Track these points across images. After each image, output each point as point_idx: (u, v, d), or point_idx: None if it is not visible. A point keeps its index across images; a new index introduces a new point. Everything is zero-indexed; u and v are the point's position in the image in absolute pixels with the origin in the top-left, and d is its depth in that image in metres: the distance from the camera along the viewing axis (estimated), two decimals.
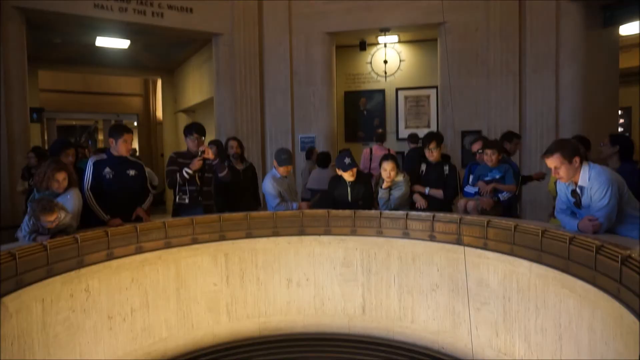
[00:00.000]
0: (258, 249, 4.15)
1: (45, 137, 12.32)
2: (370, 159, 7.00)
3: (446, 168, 4.34)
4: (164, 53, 10.54)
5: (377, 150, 7.05)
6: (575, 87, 6.84)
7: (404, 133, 8.94)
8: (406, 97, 9.20)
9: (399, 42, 9.08)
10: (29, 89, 6.79)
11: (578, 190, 2.86)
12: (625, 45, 8.83)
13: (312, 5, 7.84)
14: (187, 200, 4.29)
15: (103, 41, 8.92)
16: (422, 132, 8.58)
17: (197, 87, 10.36)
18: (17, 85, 6.32)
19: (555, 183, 3.23)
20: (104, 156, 3.85)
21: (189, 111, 11.64)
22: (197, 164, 4.23)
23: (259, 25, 7.88)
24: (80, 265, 3.18)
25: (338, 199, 4.30)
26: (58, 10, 6.50)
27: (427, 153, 4.39)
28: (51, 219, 3.00)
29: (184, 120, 11.88)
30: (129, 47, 9.37)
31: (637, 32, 7.37)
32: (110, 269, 3.39)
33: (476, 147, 4.73)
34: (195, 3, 7.43)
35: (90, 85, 13.80)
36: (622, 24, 6.84)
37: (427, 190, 4.31)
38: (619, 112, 10.28)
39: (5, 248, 2.80)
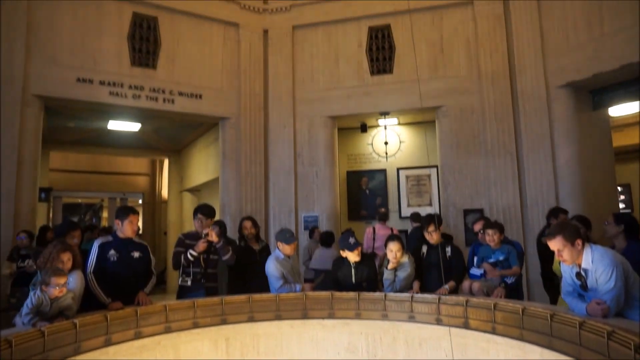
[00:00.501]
0: (260, 333, 4.03)
1: (51, 215, 12.43)
2: (374, 239, 6.99)
3: (448, 250, 4.30)
4: (173, 135, 10.96)
5: (380, 230, 7.06)
6: (571, 166, 6.99)
7: (406, 211, 9.01)
8: (407, 177, 9.39)
9: (399, 124, 9.46)
10: (39, 169, 6.99)
11: (582, 272, 2.85)
12: (618, 124, 9.17)
13: (315, 92, 8.30)
14: (189, 283, 4.26)
15: (115, 124, 9.31)
16: (424, 211, 8.68)
17: (203, 167, 10.63)
18: (29, 167, 6.51)
19: (559, 263, 3.21)
20: (109, 238, 3.89)
21: (194, 190, 11.83)
22: (201, 246, 4.25)
23: (264, 109, 8.30)
24: (77, 351, 3.09)
25: (342, 281, 4.24)
26: (76, 98, 6.89)
27: (427, 236, 4.37)
28: (62, 282, 3.06)
29: (189, 199, 12.04)
30: (139, 129, 9.76)
31: (626, 113, 7.71)
32: (106, 355, 3.29)
33: (478, 226, 4.75)
34: (205, 90, 7.88)
35: (99, 164, 14.20)
36: (610, 106, 7.15)
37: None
38: (619, 189, 10.41)
39: (3, 334, 2.74)
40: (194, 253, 4.22)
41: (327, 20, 8.31)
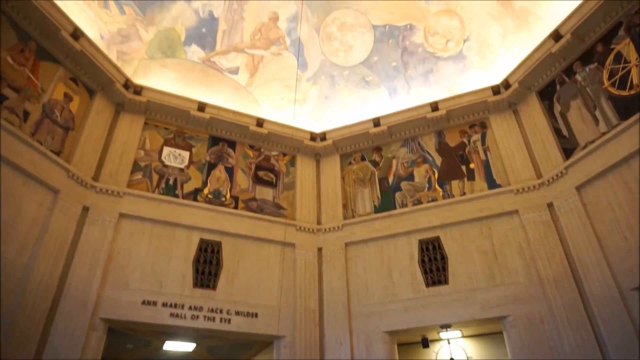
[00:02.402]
0: None
1: None
2: None
3: None
4: (226, 354, 10.65)
5: None
6: None
7: None
8: None
9: (463, 337, 8.82)
10: None
11: None
12: None
13: (370, 305, 8.17)
14: None
15: (171, 345, 9.29)
16: None
17: None
18: None
19: None
20: None
21: None
22: None
23: (319, 326, 8.13)
24: None
25: None
26: (140, 320, 7.14)
27: None
28: None
29: None
30: (193, 349, 9.64)
31: None
32: None
33: None
34: (261, 308, 7.97)
35: None
36: None
37: None
38: None
39: None
40: None
41: (377, 236, 8.74)
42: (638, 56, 6.79)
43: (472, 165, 8.83)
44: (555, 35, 7.77)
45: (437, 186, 8.92)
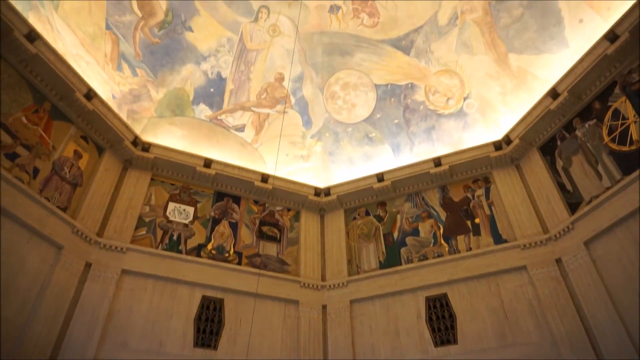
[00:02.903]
0: None
1: None
2: None
3: None
4: None
5: None
6: None
7: None
8: None
9: None
10: None
11: None
12: None
13: None
14: None
15: None
16: None
17: None
18: None
19: None
20: None
21: None
22: None
23: None
24: None
25: None
26: None
27: None
28: None
29: None
30: None
31: None
32: None
33: None
34: None
35: None
36: None
37: None
38: None
39: None
40: None
41: (383, 293, 8.54)
42: (635, 113, 6.93)
43: (477, 220, 8.78)
44: (553, 93, 7.98)
45: (442, 241, 8.82)
